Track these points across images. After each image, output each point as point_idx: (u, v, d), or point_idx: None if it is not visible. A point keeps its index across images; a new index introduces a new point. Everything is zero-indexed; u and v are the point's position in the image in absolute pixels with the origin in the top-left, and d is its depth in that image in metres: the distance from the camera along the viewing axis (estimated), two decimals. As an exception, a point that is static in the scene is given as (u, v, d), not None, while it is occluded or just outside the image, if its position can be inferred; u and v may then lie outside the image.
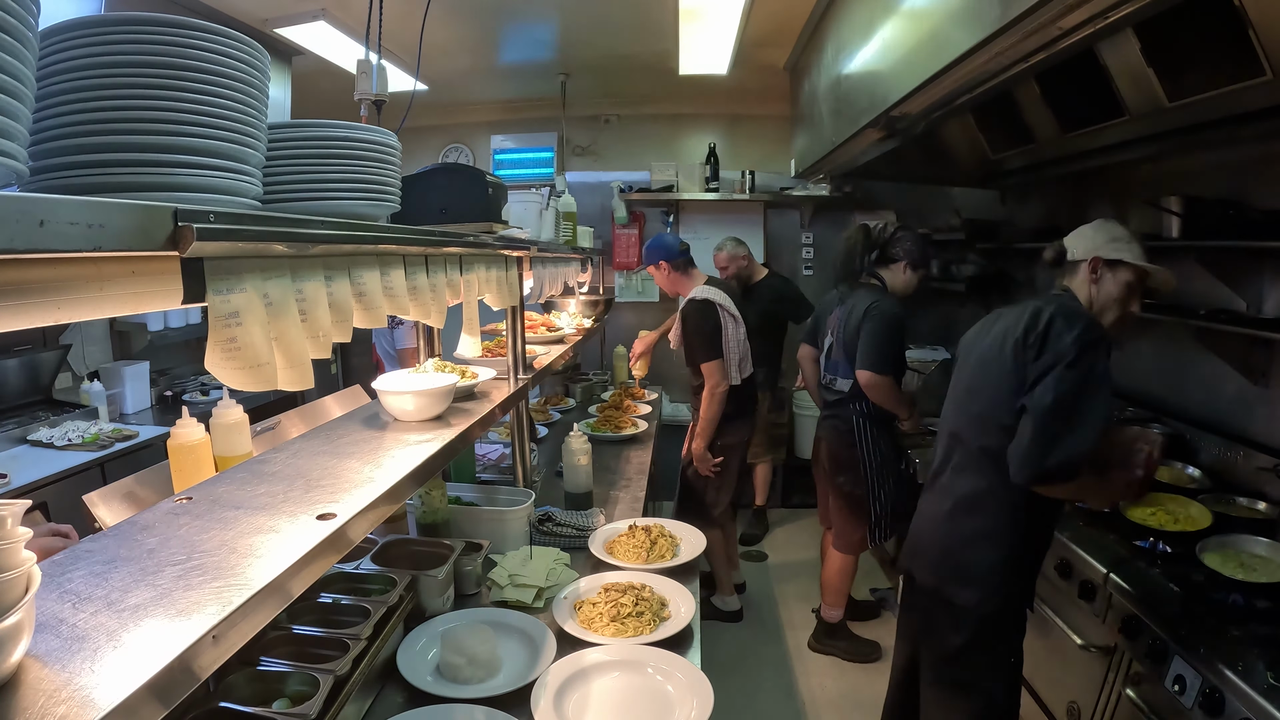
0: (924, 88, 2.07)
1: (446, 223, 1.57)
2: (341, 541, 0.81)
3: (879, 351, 2.66)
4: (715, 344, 2.91)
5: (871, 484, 2.84)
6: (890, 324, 2.67)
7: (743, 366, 3.00)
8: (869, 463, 2.83)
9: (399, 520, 1.93)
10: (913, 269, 2.82)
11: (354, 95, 2.14)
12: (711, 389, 2.92)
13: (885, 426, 2.85)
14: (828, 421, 2.95)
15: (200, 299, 0.69)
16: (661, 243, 3.09)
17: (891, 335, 2.68)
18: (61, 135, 0.68)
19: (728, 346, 2.93)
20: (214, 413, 1.19)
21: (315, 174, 1.03)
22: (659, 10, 3.08)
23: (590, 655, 1.46)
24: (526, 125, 4.88)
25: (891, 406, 2.76)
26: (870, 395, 2.72)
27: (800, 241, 4.89)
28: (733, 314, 2.94)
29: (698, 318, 2.93)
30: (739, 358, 2.97)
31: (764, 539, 4.32)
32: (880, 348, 2.66)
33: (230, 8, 2.86)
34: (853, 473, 2.86)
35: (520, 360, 1.85)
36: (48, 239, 0.47)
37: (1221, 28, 1.67)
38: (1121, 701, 1.72)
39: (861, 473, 2.84)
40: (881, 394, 2.70)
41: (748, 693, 2.87)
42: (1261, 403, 2.20)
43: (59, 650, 0.57)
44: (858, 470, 2.84)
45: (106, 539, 0.77)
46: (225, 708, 1.06)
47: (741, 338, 2.98)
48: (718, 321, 2.92)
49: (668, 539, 1.96)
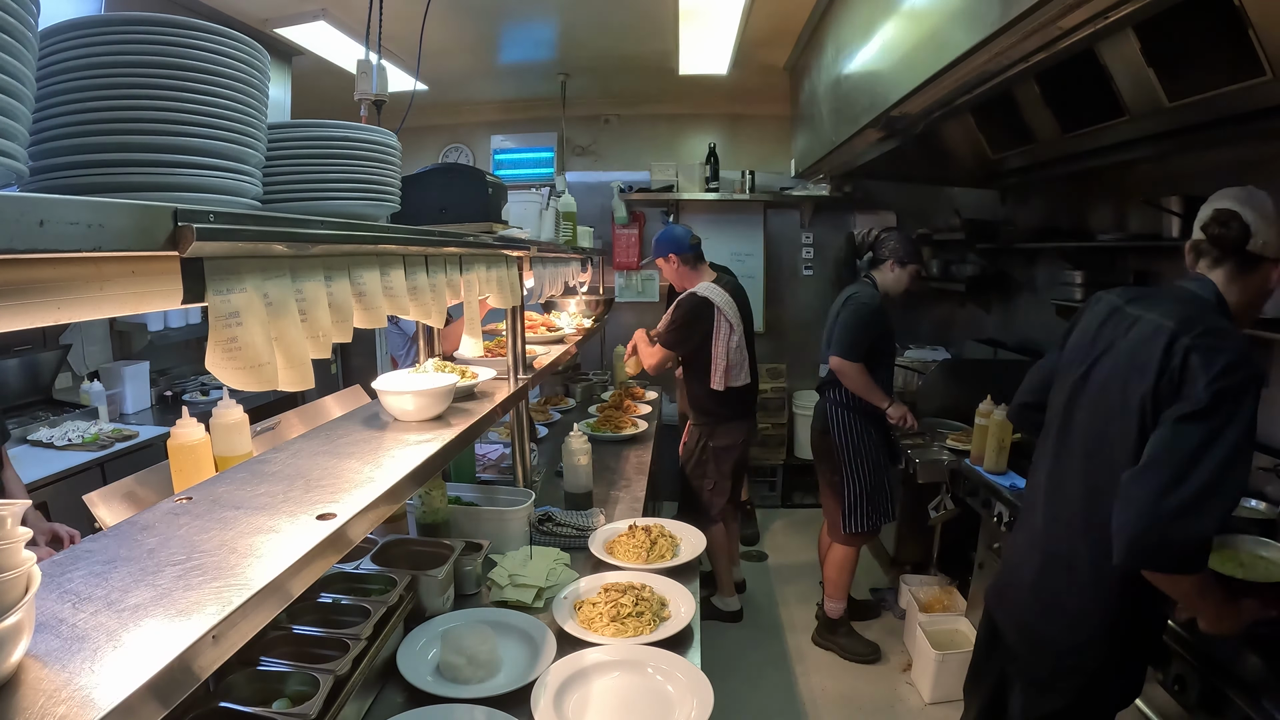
0: (924, 88, 2.07)
1: (446, 223, 1.57)
2: (341, 541, 0.81)
3: (850, 338, 2.84)
4: (683, 339, 2.93)
5: (845, 471, 2.95)
6: (863, 313, 2.85)
7: (733, 373, 2.94)
8: (841, 450, 2.95)
9: (399, 520, 1.93)
10: (900, 265, 2.99)
11: (354, 95, 2.14)
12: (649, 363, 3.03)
13: (864, 415, 2.94)
14: (815, 409, 3.13)
15: (200, 299, 0.69)
16: (673, 235, 3.05)
17: (864, 324, 2.84)
18: (61, 135, 0.68)
19: (717, 350, 2.90)
20: (214, 413, 1.19)
21: (315, 174, 1.03)
22: (659, 10, 3.08)
23: (590, 655, 1.46)
24: (526, 125, 4.88)
25: (863, 393, 2.88)
26: (843, 381, 2.88)
27: (800, 241, 4.89)
28: (730, 320, 2.91)
29: (687, 313, 2.91)
30: (730, 364, 2.92)
31: (761, 540, 4.32)
32: (852, 334, 2.84)
33: (230, 8, 2.86)
34: (828, 459, 3.01)
35: (520, 360, 1.85)
36: (48, 239, 0.47)
37: (1221, 28, 1.67)
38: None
39: (835, 459, 2.97)
40: (851, 380, 2.86)
41: (748, 693, 2.87)
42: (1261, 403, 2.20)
43: (59, 650, 0.57)
44: (832, 457, 2.99)
45: (106, 539, 0.77)
46: (225, 708, 1.06)
47: (736, 344, 2.93)
48: (709, 326, 2.89)
49: (668, 539, 1.96)
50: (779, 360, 4.72)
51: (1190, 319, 1.29)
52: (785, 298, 4.87)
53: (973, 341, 4.20)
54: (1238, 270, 1.36)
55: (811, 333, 3.24)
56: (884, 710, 2.75)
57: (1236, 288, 1.36)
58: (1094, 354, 1.47)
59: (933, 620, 2.78)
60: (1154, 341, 1.31)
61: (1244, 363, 1.22)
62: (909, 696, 2.80)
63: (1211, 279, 1.38)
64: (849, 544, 3.02)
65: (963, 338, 4.45)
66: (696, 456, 3.10)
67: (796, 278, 4.90)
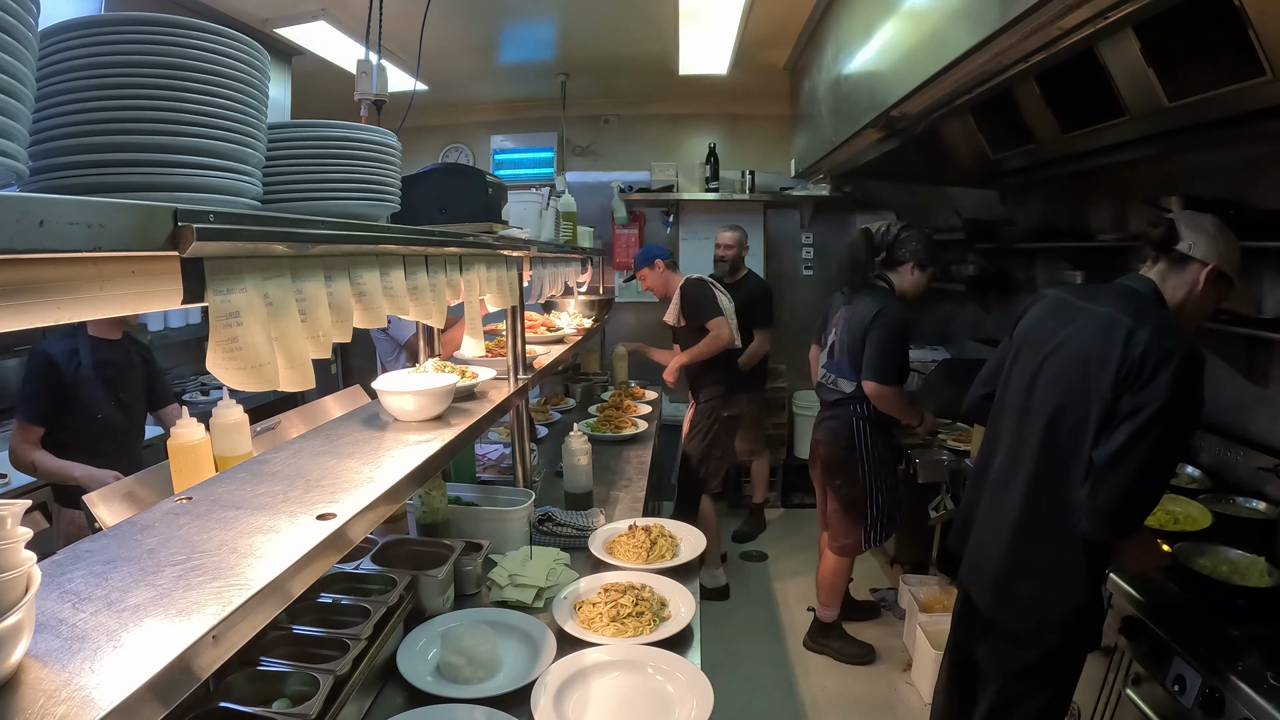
0: (924, 88, 2.07)
1: (446, 223, 1.57)
2: (341, 541, 0.81)
3: (886, 362, 2.65)
4: (716, 306, 3.29)
5: (869, 487, 2.83)
6: (897, 333, 2.66)
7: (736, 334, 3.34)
8: (866, 465, 2.82)
9: (399, 520, 1.93)
10: (920, 269, 2.79)
11: (354, 95, 2.14)
12: (714, 336, 3.25)
13: (884, 429, 2.84)
14: (826, 423, 2.93)
15: (200, 299, 0.69)
16: (651, 250, 3.50)
17: (900, 343, 2.68)
18: (61, 135, 0.68)
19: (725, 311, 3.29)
20: (214, 413, 1.19)
21: (315, 174, 1.03)
22: (659, 10, 3.08)
23: (590, 655, 1.46)
24: (526, 125, 4.88)
25: (899, 414, 2.76)
26: (879, 405, 2.72)
27: (800, 241, 4.89)
28: (718, 289, 3.37)
29: (696, 290, 3.33)
30: (732, 325, 3.32)
31: (758, 537, 4.33)
32: (887, 357, 2.65)
33: (230, 8, 2.86)
34: (850, 475, 2.85)
35: (520, 360, 1.85)
36: (48, 239, 0.47)
37: (1221, 28, 1.67)
38: (1122, 701, 1.72)
39: (859, 476, 2.83)
40: (889, 404, 2.71)
41: (748, 693, 2.87)
42: (1261, 403, 2.20)
43: (59, 650, 0.57)
44: (855, 473, 2.83)
45: (106, 539, 0.77)
46: (225, 708, 1.06)
47: (732, 311, 3.35)
48: (713, 292, 3.33)
49: (668, 539, 1.96)
50: (779, 360, 4.70)
51: (1141, 313, 1.48)
52: (785, 298, 4.85)
53: (973, 341, 4.20)
54: (1169, 268, 1.56)
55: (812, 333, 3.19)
56: (884, 710, 2.75)
57: (1170, 285, 1.56)
58: (1049, 344, 1.64)
59: (933, 620, 2.78)
60: (1112, 333, 1.48)
61: (1194, 355, 1.40)
62: (909, 696, 2.80)
63: (1150, 277, 1.58)
64: (846, 555, 2.97)
65: (963, 338, 4.45)
66: (706, 427, 3.41)
67: (797, 278, 4.90)
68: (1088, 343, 1.53)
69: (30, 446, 2.30)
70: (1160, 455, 1.42)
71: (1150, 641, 1.62)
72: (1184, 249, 1.53)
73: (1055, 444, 1.57)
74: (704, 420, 3.42)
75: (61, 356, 2.34)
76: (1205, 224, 1.54)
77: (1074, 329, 1.59)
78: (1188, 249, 1.53)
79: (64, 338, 2.39)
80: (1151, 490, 1.47)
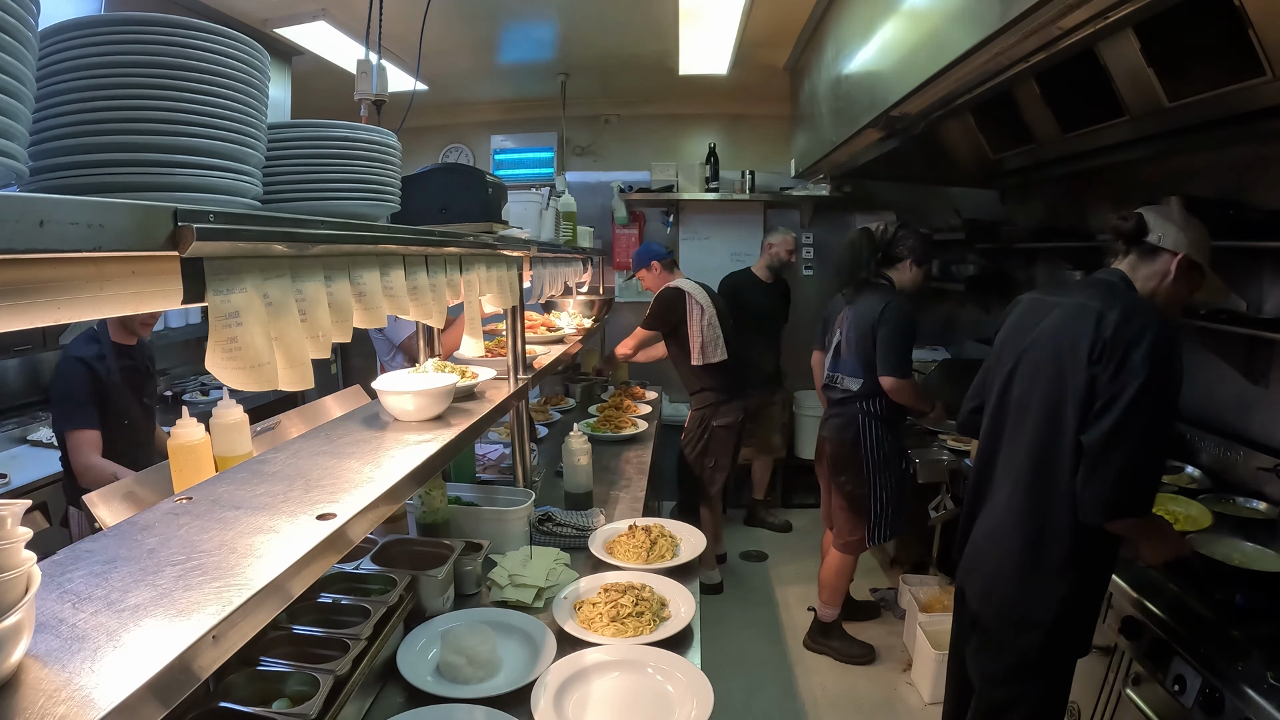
0: (924, 88, 2.07)
1: (446, 223, 1.57)
2: (341, 541, 0.81)
3: (899, 355, 2.74)
4: (660, 321, 3.37)
5: (873, 483, 2.86)
6: (906, 326, 2.76)
7: (709, 350, 3.30)
8: (871, 462, 2.84)
9: (399, 520, 1.93)
10: (917, 265, 2.90)
11: (354, 95, 2.14)
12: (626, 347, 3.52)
13: (890, 426, 2.86)
14: (832, 421, 2.96)
15: (200, 299, 0.69)
16: (650, 248, 3.56)
17: (909, 336, 2.78)
18: (61, 135, 0.68)
19: (693, 330, 3.30)
20: (214, 413, 1.19)
21: (315, 174, 1.03)
22: (659, 10, 3.08)
23: (590, 655, 1.46)
24: (526, 125, 4.88)
25: (913, 405, 2.83)
26: (896, 399, 2.78)
27: (800, 241, 4.88)
28: (700, 303, 3.31)
29: (663, 303, 3.39)
30: (705, 340, 3.29)
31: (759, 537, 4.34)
32: (900, 351, 2.74)
33: (230, 8, 2.86)
34: (855, 472, 2.87)
35: (520, 360, 1.85)
36: (48, 239, 0.47)
37: (1221, 28, 1.67)
38: (1122, 701, 1.72)
39: (864, 472, 2.85)
40: (906, 396, 2.78)
41: (748, 693, 2.87)
42: (1261, 403, 2.20)
43: (59, 650, 0.57)
44: (860, 470, 2.86)
45: (106, 539, 0.77)
46: (225, 708, 1.06)
47: (708, 323, 3.30)
48: (682, 312, 3.32)
49: (668, 539, 1.96)
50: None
51: (1110, 296, 1.51)
52: (785, 298, 4.87)
53: (973, 341, 4.21)
54: (1140, 260, 1.59)
55: (813, 333, 3.20)
56: (884, 710, 2.75)
57: (1141, 276, 1.58)
58: (1024, 342, 1.67)
59: (933, 620, 2.78)
60: (1082, 318, 1.51)
61: (1164, 329, 1.43)
62: (909, 696, 2.80)
63: (1120, 269, 1.61)
64: (850, 552, 2.99)
65: (963, 338, 4.45)
66: (697, 435, 3.43)
67: (796, 278, 4.90)
68: (1060, 331, 1.56)
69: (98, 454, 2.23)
70: (1152, 430, 1.43)
71: (1150, 641, 1.62)
72: (1154, 240, 1.56)
73: (1040, 435, 1.58)
74: (695, 429, 3.46)
75: (93, 360, 2.31)
76: (1174, 214, 1.57)
77: (1047, 322, 1.63)
78: (1157, 240, 1.55)
79: (88, 342, 2.35)
80: (1151, 465, 1.46)
